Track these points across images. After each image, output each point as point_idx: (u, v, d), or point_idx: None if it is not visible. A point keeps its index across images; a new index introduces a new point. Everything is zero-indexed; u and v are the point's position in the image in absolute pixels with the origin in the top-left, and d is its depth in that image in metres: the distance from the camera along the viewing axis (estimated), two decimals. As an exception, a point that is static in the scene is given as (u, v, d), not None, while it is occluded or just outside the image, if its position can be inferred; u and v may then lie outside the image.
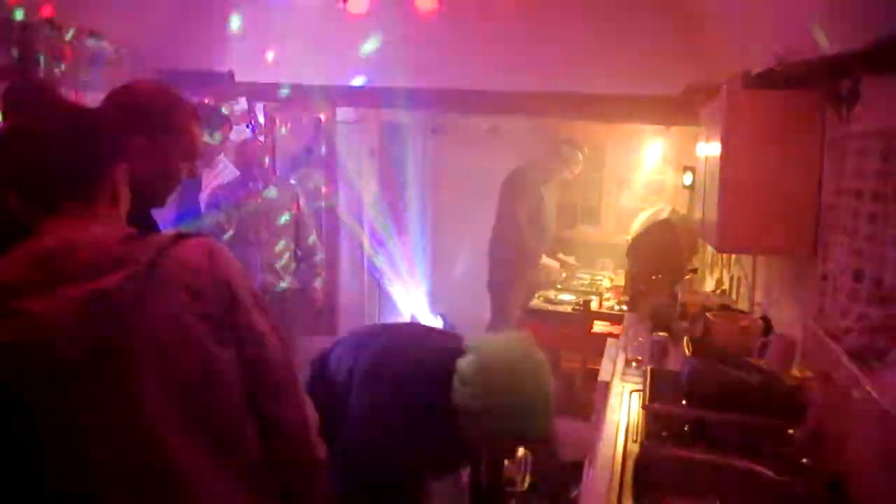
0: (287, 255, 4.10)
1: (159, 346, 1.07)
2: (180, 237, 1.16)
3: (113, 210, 1.20)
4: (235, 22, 4.01)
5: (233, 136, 4.24)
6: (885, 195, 1.72)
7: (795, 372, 2.37)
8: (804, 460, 1.81)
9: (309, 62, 4.10)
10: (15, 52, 2.68)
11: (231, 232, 3.85)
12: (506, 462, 3.59)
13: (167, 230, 1.24)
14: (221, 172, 4.17)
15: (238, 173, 4.05)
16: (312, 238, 4.24)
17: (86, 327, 1.02)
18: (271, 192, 4.03)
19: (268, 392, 1.22)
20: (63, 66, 2.90)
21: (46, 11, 2.85)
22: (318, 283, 4.23)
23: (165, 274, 1.09)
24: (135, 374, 1.05)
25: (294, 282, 4.13)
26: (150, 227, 1.50)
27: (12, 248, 1.08)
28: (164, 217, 3.08)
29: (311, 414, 1.29)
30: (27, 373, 1.01)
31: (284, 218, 4.01)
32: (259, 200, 3.96)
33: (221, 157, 4.19)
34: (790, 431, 1.92)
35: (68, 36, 2.96)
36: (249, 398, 1.19)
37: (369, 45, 3.93)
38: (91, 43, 3.10)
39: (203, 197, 4.01)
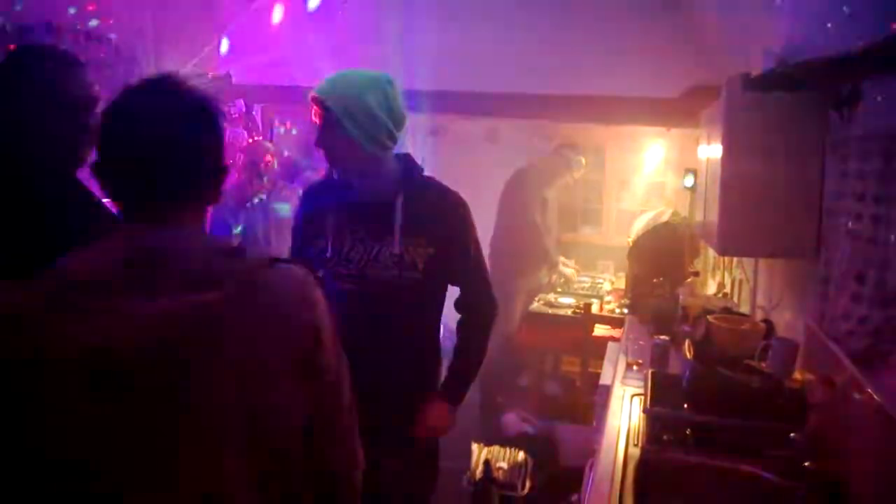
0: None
1: (239, 373, 1.01)
2: (277, 261, 1.11)
3: (204, 218, 1.14)
4: (233, 24, 4.01)
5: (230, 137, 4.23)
6: (888, 197, 1.71)
7: (797, 375, 2.36)
8: (806, 463, 1.80)
9: (307, 64, 4.09)
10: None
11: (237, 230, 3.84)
12: (506, 466, 3.59)
13: (258, 253, 1.19)
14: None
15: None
16: None
17: (175, 340, 0.97)
18: (279, 195, 4.02)
19: (327, 435, 1.19)
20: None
21: (43, 14, 2.85)
22: None
23: (259, 300, 1.04)
24: (211, 396, 1.00)
25: None
26: None
27: (103, 240, 1.01)
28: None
29: (360, 459, 1.27)
30: (107, 377, 0.94)
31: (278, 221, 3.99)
32: (265, 203, 3.94)
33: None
34: (792, 435, 1.91)
35: (65, 38, 2.95)
36: (307, 437, 1.16)
37: (366, 46, 3.93)
38: (89, 43, 3.09)
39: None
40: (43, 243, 1.15)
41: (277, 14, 4.04)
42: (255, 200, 3.93)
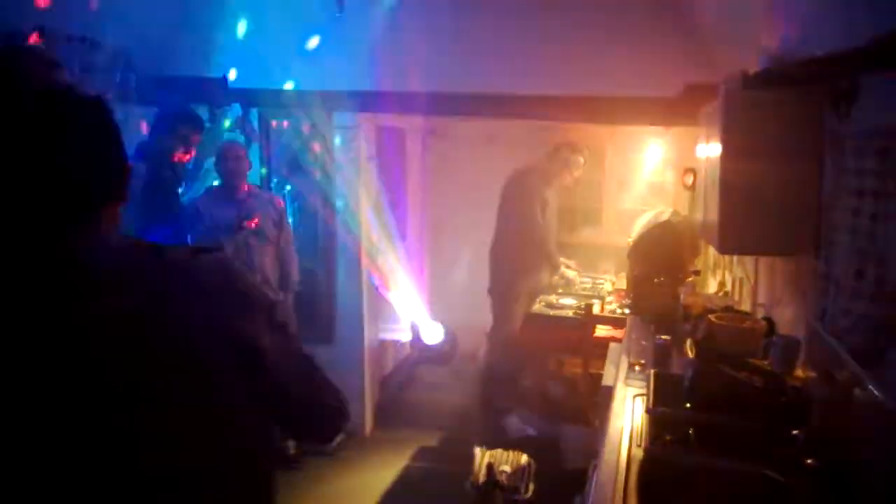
0: (276, 264, 4.09)
1: (175, 369, 1.01)
2: (197, 252, 1.10)
3: (117, 218, 1.11)
4: (229, 27, 4.02)
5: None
6: (886, 194, 1.71)
7: (799, 372, 2.36)
8: (809, 461, 1.80)
9: (304, 66, 4.10)
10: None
11: (230, 248, 3.81)
12: (509, 469, 3.58)
13: (180, 245, 1.15)
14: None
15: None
16: (291, 248, 4.23)
17: (98, 348, 0.97)
18: (255, 198, 4.01)
19: (294, 411, 1.22)
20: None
21: (37, 19, 2.85)
22: (289, 300, 4.23)
23: (183, 293, 1.04)
24: (148, 399, 1.00)
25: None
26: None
27: (29, 251, 0.99)
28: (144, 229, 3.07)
29: (335, 403, 1.29)
30: (34, 385, 0.94)
31: (264, 225, 3.98)
32: (242, 206, 3.93)
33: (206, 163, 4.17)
34: (794, 432, 1.91)
35: (60, 43, 2.95)
36: (277, 415, 1.18)
37: (365, 49, 3.93)
38: (84, 50, 3.09)
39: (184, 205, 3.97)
40: None
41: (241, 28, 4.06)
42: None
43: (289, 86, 4.16)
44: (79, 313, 0.97)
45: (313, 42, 4.02)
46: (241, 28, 4.07)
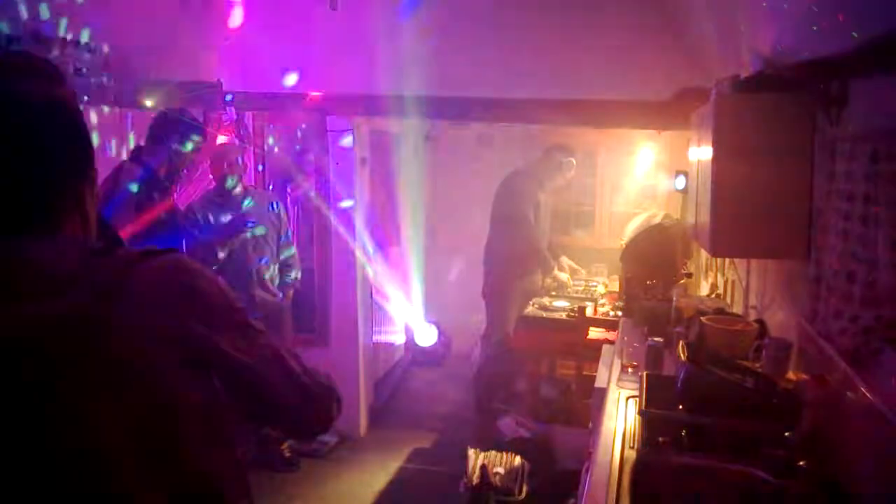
0: (273, 267, 4.09)
1: (118, 371, 0.99)
2: (148, 254, 1.07)
3: (79, 231, 1.10)
4: (224, 30, 4.02)
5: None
6: (876, 197, 1.72)
7: (791, 374, 2.37)
8: (801, 463, 1.81)
9: (299, 70, 4.10)
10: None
11: (224, 253, 3.81)
12: (502, 471, 3.59)
13: (137, 248, 1.12)
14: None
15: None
16: (291, 252, 4.24)
17: (39, 349, 0.96)
18: (248, 201, 3.99)
19: (268, 410, 1.20)
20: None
21: (32, 23, 2.85)
22: (288, 301, 4.22)
23: (129, 294, 1.01)
24: (89, 400, 0.98)
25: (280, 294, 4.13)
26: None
27: None
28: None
29: (314, 399, 1.25)
30: None
31: (261, 229, 3.97)
32: (238, 211, 3.92)
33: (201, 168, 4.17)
34: (786, 434, 1.92)
35: (55, 47, 2.95)
36: (251, 415, 1.17)
37: (359, 53, 3.94)
38: (78, 53, 3.08)
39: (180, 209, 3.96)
40: None
41: (237, 17, 4.05)
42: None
43: (284, 88, 4.16)
44: (20, 313, 0.96)
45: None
46: (237, 30, 4.07)
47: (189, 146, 3.47)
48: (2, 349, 0.95)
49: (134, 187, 3.15)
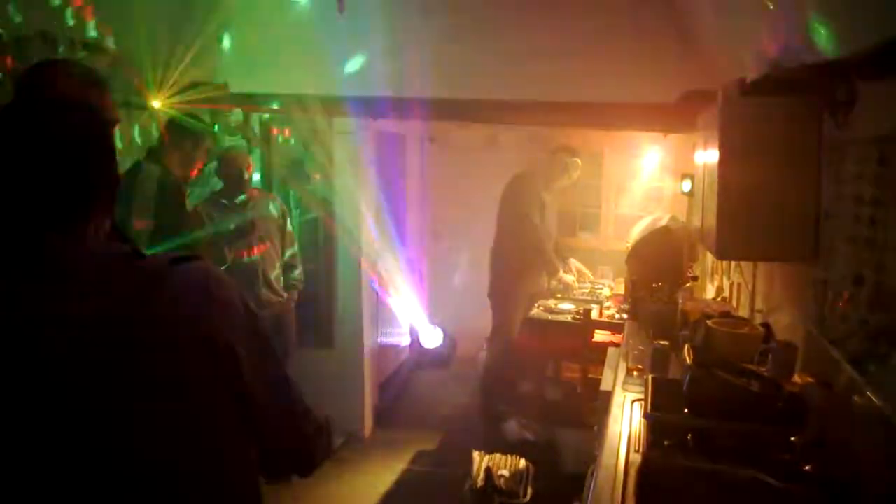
0: (279, 267, 4.10)
1: (149, 377, 1.02)
2: (176, 261, 1.10)
3: (103, 225, 1.13)
4: (230, 32, 4.02)
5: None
6: (885, 200, 1.72)
7: (797, 378, 2.36)
8: (807, 467, 1.80)
9: (304, 72, 4.11)
10: (8, 66, 2.67)
11: (231, 254, 3.82)
12: (507, 474, 3.59)
13: (161, 253, 1.19)
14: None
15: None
16: (293, 251, 4.24)
17: (79, 349, 0.98)
18: (254, 203, 4.01)
19: (269, 430, 1.21)
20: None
21: (40, 23, 2.85)
22: (293, 303, 4.22)
23: (158, 300, 1.04)
24: (123, 402, 1.01)
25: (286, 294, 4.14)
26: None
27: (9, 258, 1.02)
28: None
29: (310, 439, 1.28)
30: (22, 389, 0.97)
31: (266, 230, 3.98)
32: (245, 212, 3.93)
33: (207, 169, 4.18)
34: (792, 438, 1.91)
35: (61, 49, 2.96)
36: (251, 429, 1.18)
37: (364, 55, 3.94)
38: (84, 55, 3.09)
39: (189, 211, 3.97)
40: None
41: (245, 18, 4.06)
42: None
43: (290, 89, 4.16)
44: (50, 315, 0.99)
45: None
46: (242, 33, 4.07)
47: (200, 148, 3.49)
48: (45, 345, 0.98)
49: (150, 189, 3.17)
